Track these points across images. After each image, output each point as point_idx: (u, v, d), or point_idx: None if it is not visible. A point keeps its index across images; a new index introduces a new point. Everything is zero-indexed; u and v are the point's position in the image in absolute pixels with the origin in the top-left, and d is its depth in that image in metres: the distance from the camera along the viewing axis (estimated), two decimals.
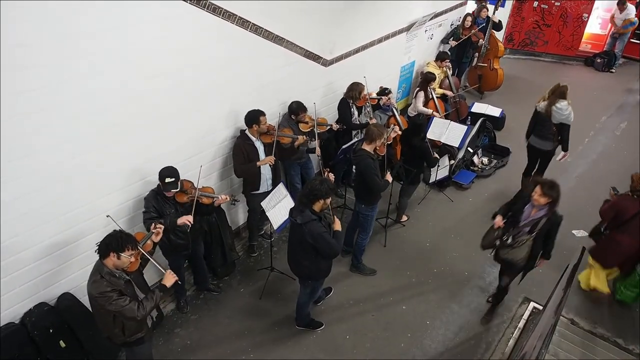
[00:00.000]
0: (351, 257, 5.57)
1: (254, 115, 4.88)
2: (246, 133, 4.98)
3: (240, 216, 5.93)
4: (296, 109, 5.41)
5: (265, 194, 5.00)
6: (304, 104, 5.45)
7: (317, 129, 5.54)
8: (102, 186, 4.05)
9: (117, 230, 3.32)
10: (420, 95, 7.33)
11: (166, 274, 3.54)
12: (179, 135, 4.54)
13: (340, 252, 4.20)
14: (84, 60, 3.48)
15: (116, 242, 3.21)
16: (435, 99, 7.46)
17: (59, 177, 3.67)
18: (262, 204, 4.78)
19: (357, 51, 6.61)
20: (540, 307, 5.07)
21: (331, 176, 4.55)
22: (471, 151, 7.50)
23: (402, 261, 5.75)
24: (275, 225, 4.63)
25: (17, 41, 3.07)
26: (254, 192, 5.19)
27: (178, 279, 3.58)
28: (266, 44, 5.03)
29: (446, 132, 6.28)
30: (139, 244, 3.47)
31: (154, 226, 3.81)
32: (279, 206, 4.66)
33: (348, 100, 6.12)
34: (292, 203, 4.44)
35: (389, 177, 5.03)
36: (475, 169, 7.47)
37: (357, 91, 6.04)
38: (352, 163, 6.26)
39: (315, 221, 3.93)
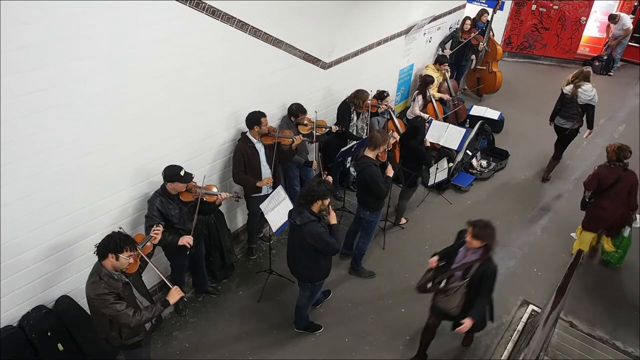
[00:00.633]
0: (350, 260, 5.57)
1: (255, 116, 4.89)
2: (247, 135, 4.99)
3: (239, 219, 5.93)
4: (296, 111, 5.42)
5: (266, 196, 5.01)
6: (303, 106, 5.47)
7: (316, 131, 5.55)
8: (103, 188, 4.05)
9: (116, 232, 3.32)
10: (419, 99, 7.34)
11: (172, 290, 3.50)
12: (179, 137, 4.54)
13: (339, 248, 4.19)
14: (83, 62, 3.48)
15: (114, 244, 3.21)
16: (434, 102, 7.48)
17: (59, 179, 3.67)
18: (261, 206, 4.78)
19: (355, 54, 6.63)
20: (539, 310, 5.07)
21: (329, 179, 4.55)
22: (470, 154, 7.51)
23: (401, 264, 5.75)
24: (274, 228, 4.63)
25: (18, 44, 3.08)
26: (254, 194, 5.19)
27: (184, 295, 3.56)
28: (265, 46, 5.03)
29: (445, 134, 6.29)
30: (138, 246, 3.46)
31: (153, 229, 3.81)
32: (277, 209, 4.66)
33: (350, 105, 6.13)
34: (291, 205, 4.44)
35: (389, 172, 5.00)
36: (474, 171, 7.48)
37: (362, 99, 6.05)
38: (343, 164, 6.29)
39: (314, 222, 3.93)
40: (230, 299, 5.21)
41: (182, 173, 4.08)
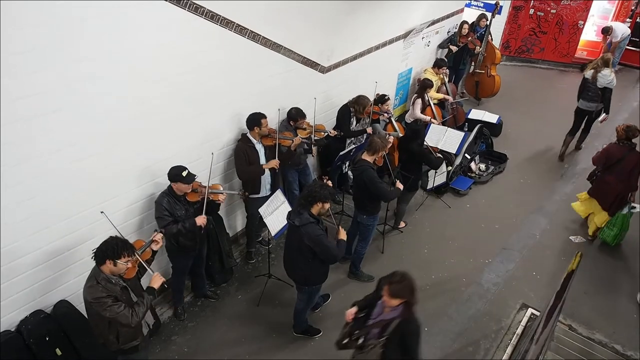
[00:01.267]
0: (349, 264, 5.56)
1: (256, 117, 4.93)
2: (247, 136, 5.03)
3: (238, 223, 5.93)
4: (295, 115, 5.43)
5: (265, 198, 5.04)
6: (302, 111, 5.48)
7: (315, 136, 5.57)
8: (103, 191, 4.05)
9: (114, 237, 3.31)
10: (418, 102, 7.36)
11: (154, 276, 3.51)
12: (179, 140, 4.55)
13: (339, 258, 4.19)
14: (84, 65, 3.49)
15: (112, 250, 3.20)
16: (433, 105, 7.50)
17: (59, 182, 3.67)
18: (260, 210, 4.79)
19: (354, 58, 6.64)
20: (538, 313, 5.07)
21: (329, 183, 4.56)
22: (468, 157, 7.52)
23: (399, 267, 5.58)
24: (273, 232, 4.62)
25: (18, 47, 3.08)
26: (253, 195, 5.20)
27: (165, 280, 3.56)
28: (264, 51, 5.05)
29: (443, 138, 6.30)
30: (136, 251, 3.46)
31: (153, 235, 3.81)
32: (276, 212, 4.66)
33: (350, 110, 6.15)
34: (289, 209, 4.43)
35: (399, 186, 5.08)
36: (473, 175, 7.49)
37: (362, 106, 6.09)
38: (340, 168, 6.29)
39: (312, 224, 3.94)
40: (229, 303, 5.20)
41: (184, 174, 4.11)
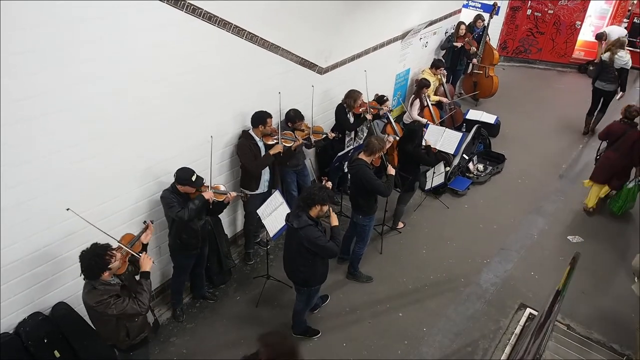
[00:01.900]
0: (348, 265, 5.57)
1: (261, 116, 4.95)
2: (250, 133, 5.05)
3: (237, 223, 5.93)
4: (294, 117, 5.44)
5: (263, 195, 5.04)
6: (301, 112, 5.48)
7: (313, 137, 5.57)
8: (103, 192, 4.05)
9: (89, 249, 3.24)
10: (416, 103, 7.37)
11: (142, 257, 3.49)
12: (179, 141, 4.56)
13: (338, 252, 4.19)
14: (84, 65, 3.49)
15: (97, 264, 3.17)
16: (430, 106, 7.51)
17: (59, 183, 3.67)
18: (258, 211, 4.78)
19: (352, 59, 6.65)
20: (536, 313, 5.07)
21: (328, 184, 4.56)
22: (466, 158, 7.53)
23: (398, 268, 5.75)
24: (272, 233, 4.63)
25: (18, 47, 3.08)
26: (252, 192, 5.20)
27: (153, 260, 3.55)
28: (262, 52, 5.05)
29: (441, 139, 6.31)
30: (127, 245, 3.51)
31: (145, 225, 3.80)
32: (275, 214, 4.66)
33: (344, 107, 6.17)
34: (288, 210, 4.44)
35: (391, 170, 4.99)
36: (471, 175, 7.50)
37: (352, 99, 6.10)
38: (340, 169, 6.30)
39: (311, 226, 3.94)
40: (228, 304, 5.20)
41: (193, 178, 4.13)
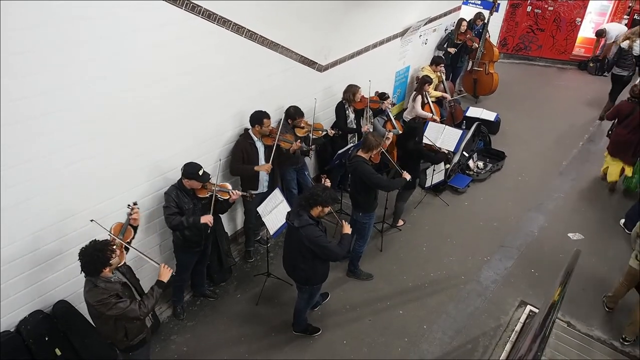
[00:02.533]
0: (348, 263, 5.57)
1: (259, 116, 4.95)
2: (249, 132, 5.05)
3: (237, 222, 5.93)
4: (294, 114, 5.43)
5: (262, 194, 5.04)
6: (301, 109, 5.48)
7: (313, 134, 5.57)
8: (103, 191, 4.04)
9: (89, 245, 3.22)
10: (418, 99, 7.36)
11: (161, 268, 3.50)
12: (178, 140, 4.56)
13: (342, 257, 4.19)
14: (84, 65, 3.49)
15: (98, 260, 3.15)
16: (431, 103, 7.50)
17: (59, 183, 3.66)
18: (258, 209, 4.79)
19: (352, 56, 6.64)
20: (536, 311, 5.08)
21: (327, 182, 4.56)
22: (466, 155, 7.52)
23: (398, 266, 5.75)
24: (272, 231, 4.63)
25: (18, 47, 3.07)
26: (251, 191, 5.20)
27: (173, 271, 3.56)
28: (261, 49, 5.04)
29: (441, 136, 6.30)
30: (118, 236, 3.53)
31: (129, 209, 3.78)
32: (275, 211, 4.66)
33: (344, 103, 6.16)
34: (288, 208, 4.44)
35: (406, 175, 5.11)
36: (471, 173, 7.49)
37: (351, 92, 6.10)
38: (341, 167, 6.30)
39: (312, 225, 3.93)
40: (228, 302, 5.20)
41: (200, 172, 4.17)
